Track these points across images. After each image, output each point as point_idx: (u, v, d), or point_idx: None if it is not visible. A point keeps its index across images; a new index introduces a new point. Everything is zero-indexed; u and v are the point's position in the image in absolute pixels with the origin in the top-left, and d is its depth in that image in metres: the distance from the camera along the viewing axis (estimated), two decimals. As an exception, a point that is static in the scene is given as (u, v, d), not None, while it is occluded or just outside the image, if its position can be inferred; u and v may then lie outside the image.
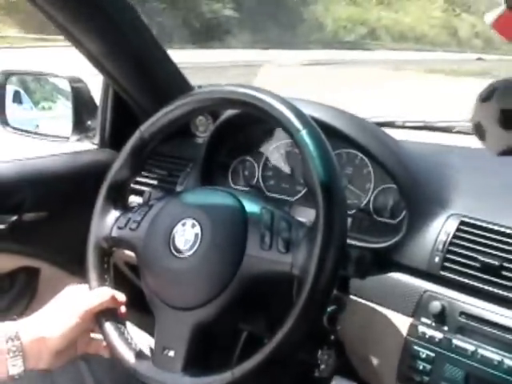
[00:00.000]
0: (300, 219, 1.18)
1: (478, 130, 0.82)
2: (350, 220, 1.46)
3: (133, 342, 1.22)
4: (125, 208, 1.32)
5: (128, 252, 1.28)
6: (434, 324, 1.24)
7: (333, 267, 1.04)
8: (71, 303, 1.22)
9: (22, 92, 2.01)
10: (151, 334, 1.18)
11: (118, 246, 1.29)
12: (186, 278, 1.14)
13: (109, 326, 1.22)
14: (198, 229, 1.15)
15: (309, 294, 1.02)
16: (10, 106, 1.97)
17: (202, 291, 1.12)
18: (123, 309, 1.27)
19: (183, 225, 1.16)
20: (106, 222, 1.29)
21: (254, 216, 1.14)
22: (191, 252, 1.13)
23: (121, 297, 1.26)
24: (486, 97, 0.80)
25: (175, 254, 1.15)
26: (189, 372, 1.10)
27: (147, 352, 1.21)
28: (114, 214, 1.30)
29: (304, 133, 1.09)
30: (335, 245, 1.04)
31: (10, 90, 1.97)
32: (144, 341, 1.35)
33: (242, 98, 1.18)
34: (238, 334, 1.32)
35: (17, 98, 2.00)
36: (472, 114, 0.82)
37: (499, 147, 0.80)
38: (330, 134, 1.15)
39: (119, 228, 1.27)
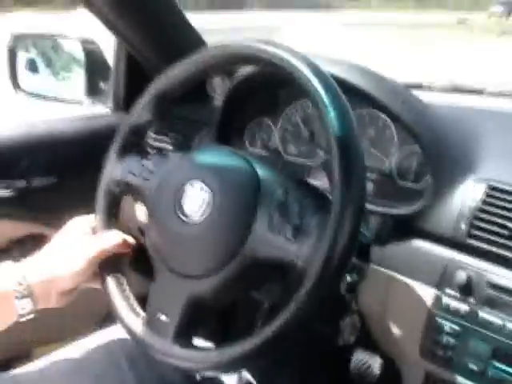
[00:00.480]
0: (316, 185, 1.12)
1: None
2: (371, 184, 1.40)
3: (132, 301, 1.18)
4: (141, 154, 1.26)
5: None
6: (459, 295, 1.18)
7: (351, 231, 0.95)
8: (79, 243, 1.19)
9: (34, 57, 1.97)
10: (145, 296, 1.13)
11: (128, 192, 1.24)
12: (189, 245, 1.09)
13: (111, 283, 1.19)
14: (207, 194, 1.08)
15: (326, 258, 0.94)
16: (23, 71, 1.93)
17: (203, 262, 1.06)
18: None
19: (192, 186, 1.10)
20: (121, 165, 1.24)
21: (266, 190, 1.07)
22: (197, 218, 1.07)
23: (130, 240, 1.23)
24: None
25: (182, 217, 1.09)
26: (179, 340, 1.06)
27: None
28: (129, 158, 1.25)
29: (320, 88, 1.00)
30: (353, 206, 0.95)
31: (22, 53, 1.93)
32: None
33: (254, 52, 1.09)
34: (255, 304, 1.27)
35: (30, 64, 1.97)
36: None
37: None
38: (350, 91, 1.07)
39: (133, 174, 1.22)
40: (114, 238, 1.20)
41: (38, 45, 2.01)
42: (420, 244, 1.26)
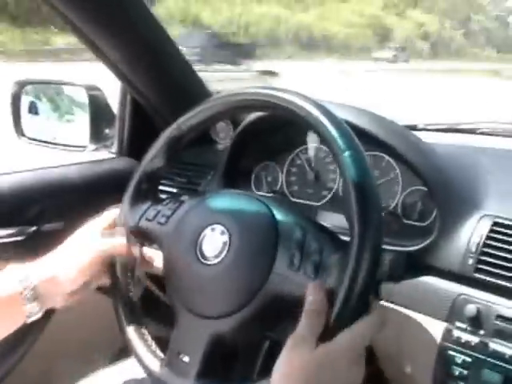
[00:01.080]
0: (326, 225, 1.16)
1: None
2: None
3: (150, 340, 1.21)
4: (155, 200, 1.30)
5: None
6: (469, 328, 1.20)
7: (369, 270, 0.98)
8: (83, 244, 1.22)
9: (37, 102, 1.99)
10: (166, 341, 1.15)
11: (144, 238, 1.26)
12: (210, 286, 1.12)
13: (131, 331, 1.21)
14: (226, 237, 1.11)
15: (345, 297, 0.97)
16: (26, 117, 1.95)
17: (225, 302, 1.09)
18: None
19: (212, 230, 1.13)
20: (135, 212, 1.27)
21: (285, 230, 1.10)
22: (217, 260, 1.10)
23: (135, 251, 1.26)
24: None
25: (202, 260, 1.12)
26: (202, 380, 1.08)
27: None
28: (143, 204, 1.28)
29: (347, 154, 1.03)
30: (371, 246, 0.99)
31: (25, 100, 1.95)
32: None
33: (268, 99, 1.14)
34: (261, 342, 1.30)
35: (33, 109, 1.98)
36: None
37: None
38: (358, 135, 1.11)
39: (147, 220, 1.25)
40: (117, 243, 1.23)
41: (41, 91, 2.02)
42: (429, 279, 1.29)
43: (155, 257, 1.28)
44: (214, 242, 1.12)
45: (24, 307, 1.12)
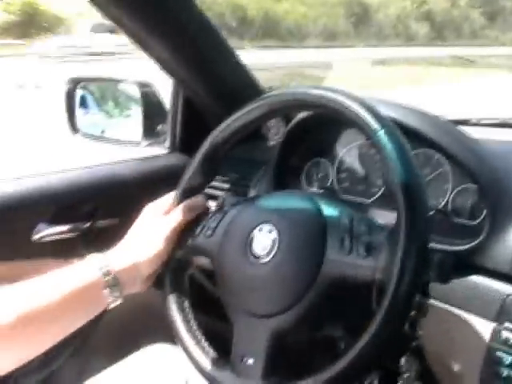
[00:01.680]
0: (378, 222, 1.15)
1: None
2: None
3: (209, 348, 1.21)
4: (199, 215, 1.31)
5: (203, 259, 1.27)
6: None
7: (415, 270, 1.00)
8: (154, 226, 1.25)
9: (91, 99, 2.02)
10: (227, 342, 1.16)
11: (193, 254, 1.27)
12: (265, 283, 1.12)
13: (184, 334, 1.22)
14: (275, 234, 1.13)
15: (391, 300, 0.98)
16: (80, 114, 1.99)
17: (281, 298, 1.10)
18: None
19: (260, 230, 1.15)
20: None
21: (332, 219, 1.12)
22: (269, 258, 1.11)
23: (198, 203, 1.30)
24: None
25: (253, 260, 1.13)
26: (268, 380, 1.08)
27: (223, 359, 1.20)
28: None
29: (382, 133, 1.05)
30: (418, 247, 1.00)
31: (79, 97, 1.98)
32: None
33: (316, 99, 1.15)
34: (317, 341, 1.30)
35: (86, 106, 2.02)
36: None
37: None
38: (406, 133, 1.11)
39: (193, 236, 1.26)
40: (184, 212, 1.25)
41: (95, 88, 2.06)
42: (478, 279, 1.28)
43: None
44: (263, 240, 1.13)
45: (105, 294, 1.14)
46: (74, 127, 1.97)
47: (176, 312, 1.24)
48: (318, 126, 1.55)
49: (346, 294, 1.09)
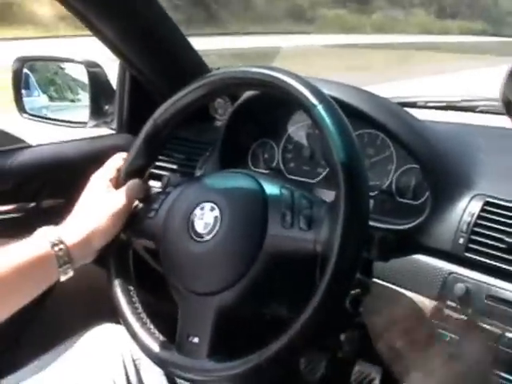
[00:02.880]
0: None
1: (507, 105, 0.79)
2: (372, 202, 1.44)
3: (154, 329, 1.21)
4: (141, 197, 1.30)
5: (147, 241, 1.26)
6: (458, 306, 1.22)
7: (356, 245, 1.01)
8: (104, 199, 1.24)
9: (38, 79, 2.00)
10: (173, 321, 1.16)
11: (136, 236, 1.27)
12: (207, 261, 1.13)
13: (130, 316, 1.21)
14: (216, 212, 1.13)
15: (333, 272, 0.99)
16: (27, 93, 1.96)
17: (224, 274, 1.10)
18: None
19: (201, 209, 1.14)
20: None
21: (273, 195, 1.12)
22: (211, 235, 1.11)
23: (144, 183, 1.29)
24: None
25: (195, 238, 1.13)
26: (214, 357, 1.08)
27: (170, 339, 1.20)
28: None
29: (320, 107, 1.06)
30: (358, 221, 1.02)
31: (26, 76, 1.96)
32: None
33: (256, 76, 1.15)
34: (261, 317, 1.31)
35: (33, 85, 1.99)
36: (501, 92, 0.80)
37: None
38: (349, 113, 1.12)
39: (137, 218, 1.26)
40: (127, 194, 1.24)
41: (42, 67, 2.03)
42: (421, 258, 1.30)
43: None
44: (205, 219, 1.13)
45: (57, 267, 1.14)
46: (20, 107, 1.95)
47: (121, 295, 1.24)
48: (264, 107, 1.55)
49: (289, 269, 1.10)
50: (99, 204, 1.23)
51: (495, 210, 1.23)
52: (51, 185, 1.73)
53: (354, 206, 1.01)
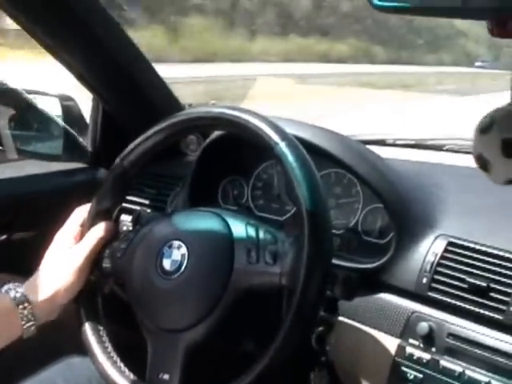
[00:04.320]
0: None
1: (481, 162, 0.82)
2: (338, 240, 1.46)
3: (125, 368, 1.21)
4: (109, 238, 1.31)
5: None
6: (421, 345, 1.24)
7: (319, 280, 1.04)
8: (67, 255, 1.24)
9: (10, 111, 1.99)
10: (144, 354, 1.17)
11: (105, 277, 1.28)
12: (175, 298, 1.14)
13: (100, 356, 1.22)
14: (184, 249, 1.15)
15: (297, 306, 1.02)
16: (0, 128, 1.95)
17: (192, 311, 1.12)
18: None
19: (169, 246, 1.16)
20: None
21: (239, 233, 1.15)
22: (179, 273, 1.13)
23: (108, 226, 1.29)
24: (485, 128, 0.80)
25: (163, 275, 1.15)
26: None
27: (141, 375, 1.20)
28: None
29: (283, 145, 1.09)
30: (321, 258, 1.05)
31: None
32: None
33: (220, 116, 1.19)
34: (230, 352, 1.32)
35: (5, 118, 1.98)
36: (473, 146, 0.82)
37: (504, 177, 0.80)
38: (315, 153, 1.15)
39: (104, 258, 1.27)
40: (94, 239, 1.26)
41: (15, 101, 2.03)
42: (385, 297, 1.32)
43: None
44: (173, 256, 1.15)
45: (20, 325, 1.16)
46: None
47: (90, 334, 1.25)
48: (235, 145, 1.56)
49: (256, 304, 1.13)
50: (63, 262, 1.24)
51: (458, 250, 1.26)
52: (23, 217, 1.74)
53: (317, 243, 1.04)
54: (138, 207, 1.69)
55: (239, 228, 1.16)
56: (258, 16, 27.16)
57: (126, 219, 1.49)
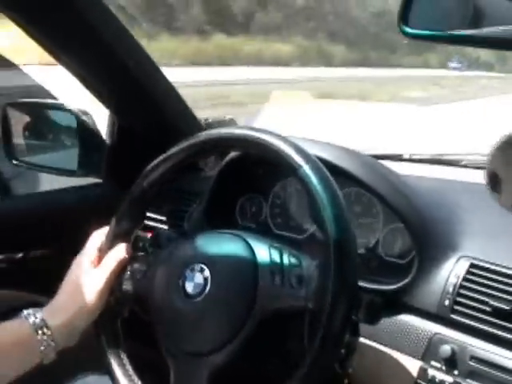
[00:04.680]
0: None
1: (493, 180, 0.80)
2: (358, 259, 1.44)
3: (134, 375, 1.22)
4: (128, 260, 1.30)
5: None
6: (444, 368, 1.23)
7: (346, 307, 1.03)
8: (86, 279, 1.24)
9: (28, 124, 2.00)
10: (164, 377, 1.17)
11: (125, 299, 1.27)
12: (198, 322, 1.14)
13: (118, 373, 1.22)
14: (207, 273, 1.14)
15: (324, 334, 1.01)
16: (17, 139, 1.96)
17: (216, 335, 1.11)
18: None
19: (192, 270, 1.15)
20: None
21: (262, 256, 1.14)
22: (202, 296, 1.12)
23: (128, 248, 1.28)
24: (505, 146, 0.78)
25: (186, 298, 1.14)
26: None
27: None
28: None
29: (306, 168, 1.08)
30: (347, 283, 1.04)
31: (15, 122, 1.95)
32: None
33: (242, 138, 1.18)
34: (253, 376, 1.32)
35: (23, 131, 1.99)
36: (488, 163, 0.81)
37: None
38: (335, 172, 1.14)
39: (124, 280, 1.26)
40: (114, 260, 1.25)
41: (31, 114, 2.03)
42: (406, 318, 1.31)
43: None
44: (196, 279, 1.14)
45: (40, 352, 1.15)
46: (10, 153, 1.94)
47: (111, 358, 1.25)
48: (253, 162, 1.57)
49: (280, 327, 1.12)
50: (82, 286, 1.23)
51: (480, 272, 1.25)
52: (39, 234, 1.73)
53: (344, 270, 1.03)
54: (153, 223, 1.69)
55: (263, 251, 1.15)
56: (182, 11, 25.58)
57: (142, 235, 1.48)
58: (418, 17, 0.75)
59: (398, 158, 1.82)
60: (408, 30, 0.76)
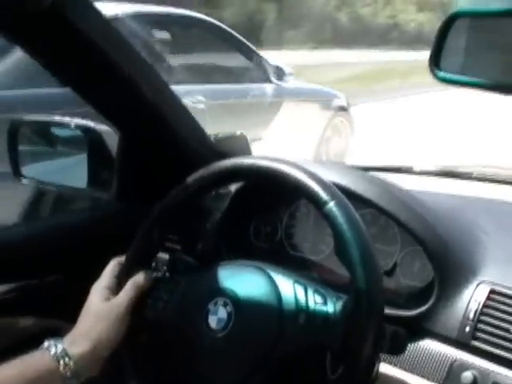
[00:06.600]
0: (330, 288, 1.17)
1: None
2: None
3: None
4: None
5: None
6: None
7: (372, 345, 1.04)
8: (106, 307, 1.24)
9: (35, 142, 2.00)
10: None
11: (146, 327, 1.27)
12: (220, 356, 1.14)
13: None
14: (230, 308, 1.14)
15: (351, 371, 1.02)
16: (23, 157, 1.95)
17: (238, 370, 1.11)
18: None
19: (215, 304, 1.15)
20: None
21: (287, 293, 1.13)
22: (226, 331, 1.13)
23: (147, 275, 1.28)
24: None
25: (209, 333, 1.14)
26: None
27: None
28: None
29: (332, 205, 1.08)
30: (374, 321, 1.04)
31: (22, 139, 1.95)
32: None
33: (264, 169, 1.18)
34: None
35: (30, 149, 1.99)
36: None
37: None
38: (351, 196, 1.14)
39: (146, 307, 1.26)
40: (135, 287, 1.25)
41: (39, 130, 2.03)
42: (427, 343, 1.30)
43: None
44: (219, 314, 1.15)
45: (63, 382, 1.15)
46: (17, 171, 1.94)
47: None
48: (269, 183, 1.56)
49: (301, 365, 1.11)
50: (103, 314, 1.23)
51: (501, 298, 1.24)
52: (52, 258, 1.72)
53: (371, 314, 1.03)
54: (169, 244, 1.68)
55: (287, 287, 1.14)
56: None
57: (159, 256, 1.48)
58: (450, 62, 0.75)
59: (407, 170, 1.82)
60: (442, 74, 0.76)
